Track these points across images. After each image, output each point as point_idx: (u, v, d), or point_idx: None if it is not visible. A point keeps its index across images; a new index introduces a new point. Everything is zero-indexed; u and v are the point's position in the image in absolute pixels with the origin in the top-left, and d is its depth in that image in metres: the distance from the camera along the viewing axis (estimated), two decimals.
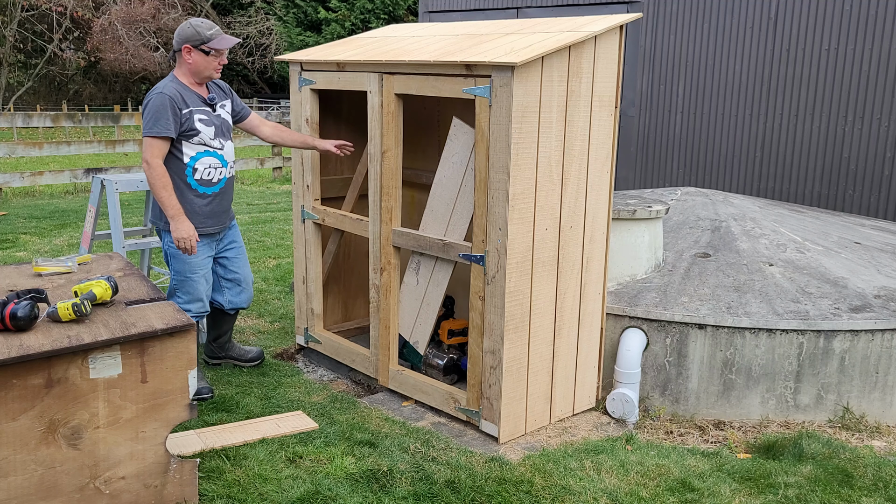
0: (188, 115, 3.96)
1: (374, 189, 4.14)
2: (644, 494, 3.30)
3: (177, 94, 3.92)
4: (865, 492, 3.39)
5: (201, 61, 3.97)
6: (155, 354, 2.83)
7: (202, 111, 4.03)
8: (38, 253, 7.52)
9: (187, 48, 3.94)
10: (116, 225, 4.76)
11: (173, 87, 3.94)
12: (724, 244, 5.10)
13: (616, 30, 3.82)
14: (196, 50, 3.94)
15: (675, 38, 8.41)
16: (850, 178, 7.45)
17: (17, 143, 10.82)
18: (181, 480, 2.98)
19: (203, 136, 4.01)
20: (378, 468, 3.40)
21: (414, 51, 3.97)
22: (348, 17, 22.29)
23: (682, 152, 8.53)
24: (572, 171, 3.79)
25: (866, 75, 7.24)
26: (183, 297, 4.17)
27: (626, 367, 4.15)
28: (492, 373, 3.72)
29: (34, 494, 2.68)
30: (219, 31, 4.01)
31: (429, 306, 4.12)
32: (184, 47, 3.94)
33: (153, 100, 3.88)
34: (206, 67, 3.99)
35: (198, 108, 4.01)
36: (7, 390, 2.57)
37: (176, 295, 4.17)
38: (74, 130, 25.39)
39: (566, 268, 3.88)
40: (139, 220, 9.06)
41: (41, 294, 3.00)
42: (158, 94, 3.88)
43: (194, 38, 3.93)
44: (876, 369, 4.15)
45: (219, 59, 4.01)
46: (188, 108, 3.96)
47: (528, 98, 3.47)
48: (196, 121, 3.99)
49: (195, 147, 4.01)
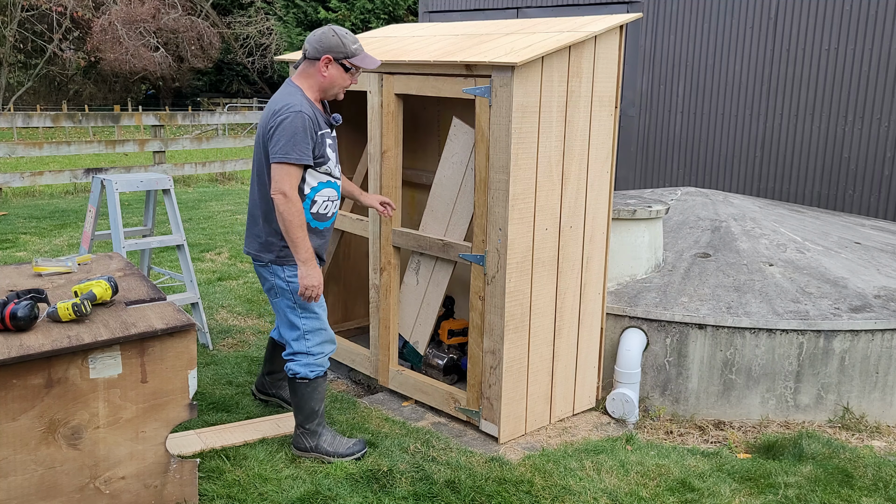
0: (321, 140, 3.35)
1: (374, 189, 4.14)
2: (644, 494, 3.30)
3: (312, 113, 3.30)
4: (865, 492, 3.39)
5: (338, 77, 3.36)
6: (155, 354, 2.83)
7: (329, 135, 3.43)
8: (38, 253, 7.52)
9: (327, 59, 3.32)
10: (116, 225, 4.76)
11: (308, 105, 3.31)
12: (724, 244, 5.10)
13: (616, 30, 3.82)
14: (336, 63, 3.34)
15: (675, 38, 8.41)
16: (850, 178, 7.45)
17: (17, 143, 10.82)
18: (181, 480, 2.98)
19: (330, 164, 3.41)
20: (378, 468, 3.40)
21: (414, 51, 3.97)
22: (348, 17, 22.29)
23: (682, 152, 8.53)
24: (572, 171, 3.79)
25: (866, 75, 7.24)
26: (313, 338, 3.50)
27: (626, 367, 4.15)
28: (492, 373, 3.72)
29: (34, 494, 2.68)
30: (362, 48, 3.43)
31: (429, 306, 4.12)
32: (324, 57, 3.32)
33: (290, 119, 3.22)
34: (338, 85, 3.39)
35: (325, 131, 3.40)
36: (7, 390, 2.57)
37: (304, 337, 3.49)
38: (74, 130, 25.39)
39: (566, 268, 3.88)
40: (139, 220, 9.06)
41: (41, 294, 3.00)
42: (297, 113, 3.23)
43: (338, 49, 3.33)
44: (876, 369, 4.15)
45: (353, 78, 3.43)
46: (322, 129, 3.36)
47: (528, 98, 3.47)
48: (326, 146, 3.39)
49: (319, 176, 3.39)
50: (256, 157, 3.42)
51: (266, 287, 3.54)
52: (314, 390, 3.50)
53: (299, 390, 3.50)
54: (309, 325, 3.47)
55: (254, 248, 3.48)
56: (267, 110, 3.34)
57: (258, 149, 3.39)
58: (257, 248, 3.46)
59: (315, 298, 3.38)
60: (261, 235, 3.43)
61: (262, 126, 3.34)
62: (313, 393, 3.50)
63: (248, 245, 3.52)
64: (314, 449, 3.53)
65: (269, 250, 3.42)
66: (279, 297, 3.48)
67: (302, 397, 3.51)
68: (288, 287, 3.42)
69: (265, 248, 3.43)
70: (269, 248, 3.42)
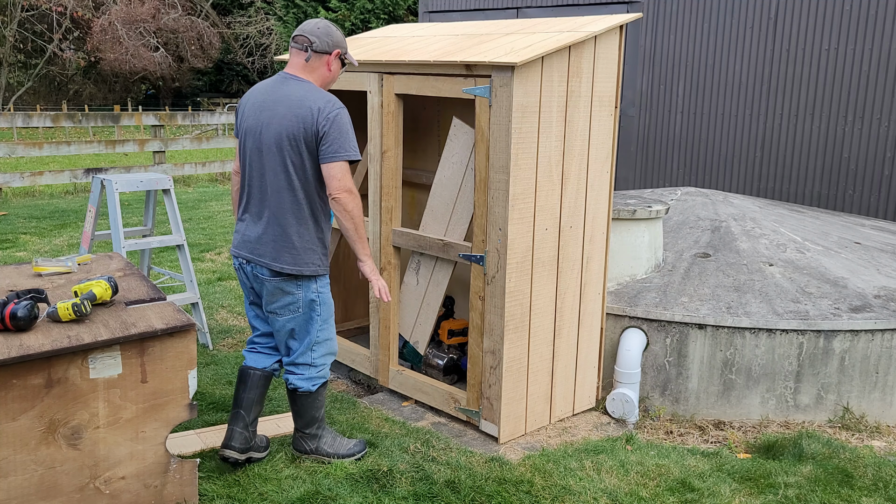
0: None
1: (374, 189, 4.14)
2: (644, 494, 3.30)
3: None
4: (865, 492, 3.39)
5: (337, 73, 3.28)
6: (155, 354, 2.83)
7: None
8: (38, 253, 7.52)
9: (338, 54, 3.22)
10: (116, 225, 4.76)
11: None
12: (724, 244, 5.10)
13: (616, 30, 3.82)
14: (337, 59, 3.25)
15: (675, 38, 8.40)
16: (850, 178, 7.45)
17: (17, 143, 10.82)
18: (181, 480, 2.98)
19: None
20: (378, 468, 3.40)
21: (414, 51, 3.97)
22: (348, 17, 22.30)
23: (682, 152, 8.53)
24: (572, 171, 3.79)
25: (866, 75, 7.24)
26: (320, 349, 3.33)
27: (626, 367, 4.15)
28: (492, 373, 3.72)
29: (34, 494, 2.68)
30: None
31: (429, 306, 4.12)
32: (335, 52, 3.21)
33: (342, 115, 3.08)
34: (335, 80, 3.31)
35: None
36: (7, 390, 2.57)
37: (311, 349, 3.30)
38: (74, 130, 25.39)
39: (566, 268, 3.88)
40: (139, 220, 9.06)
41: (41, 294, 3.00)
42: (343, 109, 3.10)
43: (343, 44, 3.25)
44: (876, 369, 4.15)
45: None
46: None
47: (528, 98, 3.47)
48: None
49: None
50: (278, 161, 3.11)
51: (282, 303, 3.23)
52: (315, 400, 3.40)
53: (300, 401, 3.38)
54: (322, 336, 3.32)
55: (287, 263, 3.16)
56: (299, 109, 3.07)
57: (285, 151, 3.10)
58: (291, 261, 3.16)
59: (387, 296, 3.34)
60: (295, 248, 3.15)
61: (296, 126, 3.06)
62: (314, 402, 3.40)
63: (276, 259, 3.16)
64: (314, 451, 3.47)
65: (306, 263, 3.19)
66: (301, 311, 3.24)
67: (303, 407, 3.40)
68: (319, 298, 3.26)
69: (302, 261, 3.17)
70: (308, 261, 3.19)
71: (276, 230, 3.15)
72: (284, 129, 3.08)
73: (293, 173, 3.11)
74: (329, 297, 3.34)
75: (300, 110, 3.06)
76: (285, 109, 3.09)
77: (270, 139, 3.11)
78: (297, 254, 3.16)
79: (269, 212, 3.16)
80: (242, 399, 3.34)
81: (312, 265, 3.20)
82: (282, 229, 3.15)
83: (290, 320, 3.26)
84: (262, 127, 3.13)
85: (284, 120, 3.07)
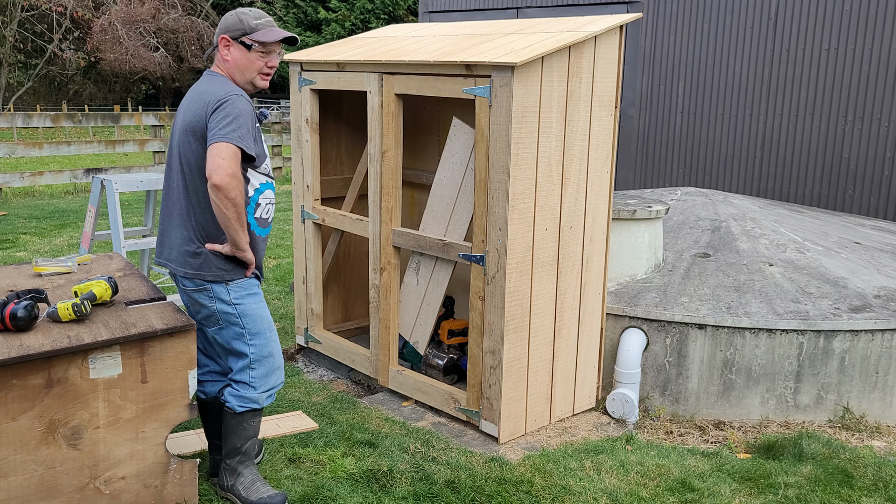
0: (258, 134, 2.97)
1: (374, 189, 4.14)
2: (644, 494, 3.30)
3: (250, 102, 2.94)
4: (865, 492, 3.39)
5: (242, 59, 2.94)
6: (155, 354, 2.83)
7: (260, 130, 3.03)
8: (38, 253, 7.52)
9: (225, 41, 2.95)
10: (116, 225, 4.76)
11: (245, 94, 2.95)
12: (724, 244, 5.10)
13: (616, 30, 3.82)
14: (235, 43, 2.94)
15: (675, 38, 8.41)
16: (850, 178, 7.45)
17: (17, 143, 10.82)
18: (181, 480, 2.98)
19: (267, 161, 3.03)
20: (378, 468, 3.40)
21: (414, 51, 3.97)
22: (348, 17, 22.29)
23: (682, 152, 8.53)
24: (572, 171, 3.79)
25: (866, 75, 7.24)
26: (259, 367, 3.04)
27: (626, 367, 4.15)
28: (492, 373, 3.72)
29: (34, 494, 2.68)
30: (270, 22, 3.00)
31: (429, 306, 4.12)
32: (221, 38, 2.96)
33: (234, 101, 2.83)
34: (247, 68, 2.95)
35: (258, 126, 3.02)
36: (7, 390, 2.57)
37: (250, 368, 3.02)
38: (74, 130, 25.40)
39: (566, 268, 3.88)
40: (139, 220, 9.06)
41: (41, 294, 2.99)
42: (239, 97, 2.86)
43: (235, 27, 2.94)
44: (876, 369, 4.15)
45: (266, 59, 2.98)
46: (257, 123, 2.98)
47: (528, 98, 3.47)
48: (262, 143, 3.01)
49: (260, 177, 2.98)
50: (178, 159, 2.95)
51: (202, 315, 3.01)
52: (238, 425, 3.05)
53: (225, 420, 3.07)
54: (257, 353, 3.01)
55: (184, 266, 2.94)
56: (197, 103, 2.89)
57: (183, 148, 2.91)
58: (190, 264, 2.93)
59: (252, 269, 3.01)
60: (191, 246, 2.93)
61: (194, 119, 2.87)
62: (238, 428, 3.05)
63: (174, 261, 2.98)
64: (229, 489, 3.12)
65: (208, 267, 2.93)
66: (223, 326, 2.99)
67: (227, 428, 3.07)
68: (235, 310, 2.96)
69: (201, 264, 2.93)
70: (208, 264, 2.93)
71: (181, 233, 2.97)
72: (184, 126, 2.92)
73: (188, 172, 2.92)
74: (258, 307, 3.02)
75: (197, 104, 2.89)
76: (188, 105, 2.95)
77: (175, 138, 2.98)
78: (200, 258, 2.93)
79: (176, 213, 2.98)
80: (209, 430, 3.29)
81: (217, 269, 2.92)
82: (181, 224, 2.96)
83: (217, 333, 3.02)
84: (175, 126, 3.01)
85: (186, 115, 2.92)
